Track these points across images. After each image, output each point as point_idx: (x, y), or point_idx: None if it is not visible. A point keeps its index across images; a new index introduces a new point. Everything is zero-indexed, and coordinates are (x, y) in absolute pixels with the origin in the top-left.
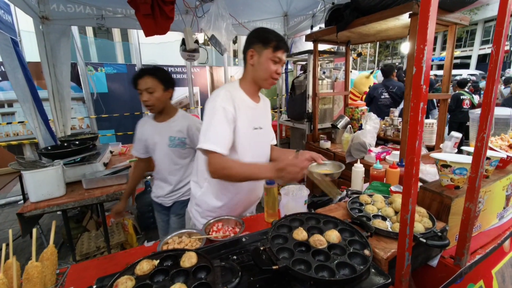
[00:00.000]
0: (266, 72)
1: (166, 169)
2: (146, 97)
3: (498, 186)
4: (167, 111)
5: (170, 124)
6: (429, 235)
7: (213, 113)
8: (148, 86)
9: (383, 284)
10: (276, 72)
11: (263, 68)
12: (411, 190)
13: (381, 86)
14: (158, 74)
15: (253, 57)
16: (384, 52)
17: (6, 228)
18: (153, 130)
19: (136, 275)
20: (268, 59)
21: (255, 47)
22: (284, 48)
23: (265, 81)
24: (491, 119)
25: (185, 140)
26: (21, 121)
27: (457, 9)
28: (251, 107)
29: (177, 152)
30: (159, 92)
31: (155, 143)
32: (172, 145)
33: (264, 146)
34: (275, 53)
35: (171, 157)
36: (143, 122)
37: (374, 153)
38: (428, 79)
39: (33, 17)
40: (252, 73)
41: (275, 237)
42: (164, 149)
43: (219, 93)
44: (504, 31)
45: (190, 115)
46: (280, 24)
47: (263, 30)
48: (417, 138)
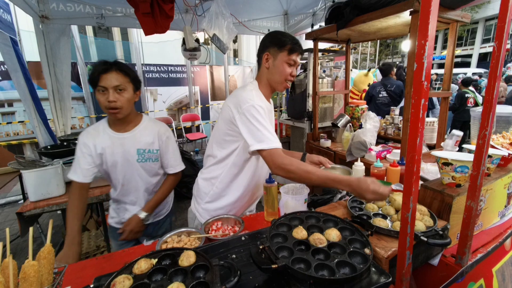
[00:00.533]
0: (281, 75)
1: (137, 189)
2: (114, 97)
3: (499, 184)
4: (131, 117)
5: (135, 133)
6: (430, 233)
7: (255, 113)
8: (119, 83)
9: (383, 283)
10: (291, 74)
11: (279, 71)
12: (412, 188)
13: (380, 85)
14: (128, 70)
15: (269, 60)
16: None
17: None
18: (112, 143)
19: (134, 274)
20: (283, 62)
21: (270, 50)
22: (299, 50)
23: (280, 84)
24: (493, 116)
25: (157, 152)
26: (21, 120)
27: (459, 6)
28: (268, 109)
29: (149, 167)
30: (130, 93)
31: (117, 159)
32: (142, 159)
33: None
34: (290, 56)
35: (141, 175)
36: (92, 133)
37: (375, 151)
38: (429, 75)
39: (33, 16)
40: (268, 75)
41: (275, 236)
42: (132, 166)
43: (253, 93)
44: (506, 27)
45: (158, 121)
46: (280, 22)
47: (279, 34)
48: (418, 135)
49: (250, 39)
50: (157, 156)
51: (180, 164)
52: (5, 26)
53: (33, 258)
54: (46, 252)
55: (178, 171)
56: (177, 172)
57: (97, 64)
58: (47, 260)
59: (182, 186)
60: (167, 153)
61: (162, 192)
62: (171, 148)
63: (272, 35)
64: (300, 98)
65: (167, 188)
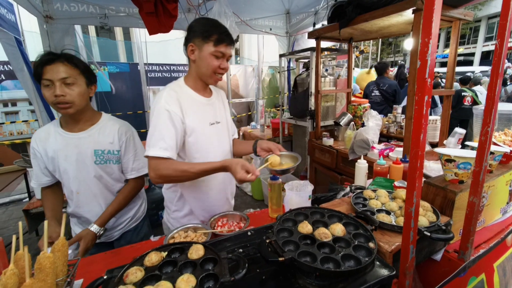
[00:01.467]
0: (209, 68)
1: (95, 196)
2: (62, 90)
3: (501, 181)
4: (87, 115)
5: (92, 133)
6: (433, 228)
7: (157, 117)
8: (66, 75)
9: (387, 276)
10: (220, 67)
11: (205, 64)
12: (416, 183)
13: (373, 84)
14: (77, 61)
15: (194, 52)
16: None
17: (11, 226)
18: (66, 144)
19: (145, 266)
20: (210, 54)
21: (195, 41)
22: (227, 41)
23: (209, 77)
24: (495, 113)
25: (118, 153)
26: (25, 120)
27: (462, 4)
28: (202, 102)
29: (110, 170)
30: (81, 86)
31: (71, 162)
32: (100, 161)
33: (224, 140)
34: (217, 48)
35: (101, 178)
36: (42, 136)
37: (377, 150)
38: (432, 73)
39: (37, 16)
40: (196, 69)
41: (280, 231)
42: (88, 169)
43: (162, 95)
44: (508, 24)
45: (120, 120)
46: (283, 21)
47: (203, 22)
48: (422, 132)
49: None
50: (118, 158)
51: (143, 168)
52: (9, 26)
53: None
54: (60, 244)
55: (140, 175)
56: (139, 177)
57: (41, 55)
58: (61, 252)
59: None
60: (128, 154)
61: (118, 203)
62: (133, 149)
63: (196, 23)
64: (302, 97)
65: (124, 197)
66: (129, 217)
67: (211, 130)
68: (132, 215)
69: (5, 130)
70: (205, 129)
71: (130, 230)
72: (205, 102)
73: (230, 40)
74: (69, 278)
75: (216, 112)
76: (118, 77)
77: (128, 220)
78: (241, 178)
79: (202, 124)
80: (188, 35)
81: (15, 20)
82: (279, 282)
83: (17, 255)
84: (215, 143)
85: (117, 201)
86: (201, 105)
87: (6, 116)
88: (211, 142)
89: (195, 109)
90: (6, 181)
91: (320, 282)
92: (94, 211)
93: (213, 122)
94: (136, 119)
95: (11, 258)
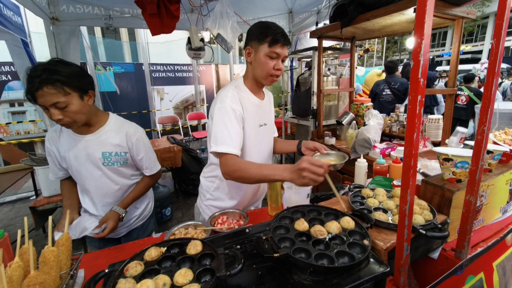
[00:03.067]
0: (264, 70)
1: (109, 194)
2: (58, 114)
3: (501, 180)
4: (94, 119)
5: (100, 135)
6: (429, 227)
7: (224, 114)
8: (56, 100)
9: (381, 273)
10: (275, 68)
11: (261, 65)
12: (410, 182)
13: (384, 83)
14: (63, 77)
15: (250, 55)
16: (392, 48)
17: (18, 223)
18: (75, 145)
19: (145, 261)
20: (265, 55)
21: (251, 44)
22: (282, 41)
23: (264, 79)
24: (491, 112)
25: (125, 155)
26: (32, 120)
27: (464, 2)
28: (256, 104)
29: (117, 171)
30: (76, 104)
31: (81, 163)
32: (108, 163)
33: (269, 141)
34: (272, 48)
35: (111, 178)
36: (53, 136)
37: (379, 149)
38: (425, 73)
39: (43, 18)
40: (252, 71)
41: (277, 228)
42: (98, 170)
43: (227, 94)
44: (504, 24)
45: (127, 121)
46: (285, 21)
47: (259, 25)
48: (415, 131)
49: None
50: (125, 159)
51: (155, 165)
52: (16, 28)
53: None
54: (64, 239)
55: (155, 173)
56: (154, 174)
57: (27, 78)
58: (65, 247)
59: (189, 183)
60: (139, 156)
61: (138, 190)
62: (143, 150)
63: (253, 27)
64: (305, 96)
65: (143, 187)
66: (136, 215)
67: (259, 131)
68: (139, 213)
69: (12, 129)
70: (255, 130)
71: (137, 228)
72: (258, 103)
73: (285, 41)
74: (72, 272)
75: (265, 114)
76: (123, 77)
77: (136, 218)
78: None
79: (254, 125)
80: (246, 39)
81: (21, 22)
82: (275, 277)
83: (22, 249)
84: (262, 144)
85: (138, 188)
86: (255, 106)
87: (13, 116)
88: (257, 143)
89: (251, 110)
90: (13, 179)
91: (315, 278)
92: (105, 208)
93: (262, 124)
94: (141, 118)
95: (16, 252)
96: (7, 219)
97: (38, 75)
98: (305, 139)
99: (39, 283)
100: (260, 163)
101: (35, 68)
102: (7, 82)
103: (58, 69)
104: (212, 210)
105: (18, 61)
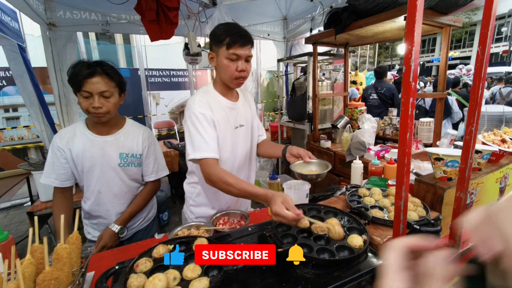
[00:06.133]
0: (227, 73)
1: (119, 195)
2: (100, 102)
3: (491, 178)
4: (114, 121)
5: (118, 137)
6: (423, 222)
7: (194, 121)
8: (105, 88)
9: (379, 266)
10: (237, 70)
11: (223, 69)
12: (404, 179)
13: (372, 87)
14: (114, 73)
15: (213, 59)
16: (384, 53)
17: (12, 230)
18: (92, 145)
19: (153, 258)
20: (225, 58)
21: (212, 48)
22: (240, 42)
23: (230, 82)
24: (478, 113)
25: (140, 157)
26: (26, 125)
27: (451, 11)
28: (229, 107)
29: (131, 172)
30: (116, 97)
31: (96, 163)
32: (124, 164)
33: (248, 143)
34: (230, 50)
35: (123, 179)
36: (67, 136)
37: (373, 151)
38: (416, 77)
39: (40, 24)
40: (218, 75)
41: (279, 225)
42: (112, 171)
43: (194, 100)
44: (489, 32)
45: (142, 125)
46: (280, 27)
47: (218, 28)
48: (408, 131)
49: None
50: (139, 161)
51: (163, 170)
52: (13, 34)
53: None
54: (75, 238)
55: (158, 178)
56: (157, 180)
57: (79, 66)
58: (76, 245)
59: None
60: (149, 158)
61: (137, 204)
62: (154, 154)
63: (213, 31)
64: (300, 101)
65: (143, 199)
66: (141, 218)
67: (234, 133)
68: (144, 216)
69: (6, 135)
70: (229, 132)
71: (141, 230)
72: (231, 106)
73: (244, 40)
74: (84, 269)
75: (241, 116)
76: None
77: (141, 220)
78: (276, 210)
79: (228, 128)
80: (209, 43)
81: (18, 28)
82: (278, 272)
83: (33, 247)
84: (239, 146)
85: (136, 203)
86: (227, 109)
87: (7, 122)
88: (236, 145)
89: (223, 113)
90: (7, 185)
91: (316, 271)
92: (114, 210)
93: (238, 125)
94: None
95: (27, 250)
96: (2, 226)
97: (93, 65)
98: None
99: (54, 278)
100: (241, 181)
101: (88, 61)
102: (2, 87)
103: (110, 65)
104: (196, 215)
105: (14, 66)
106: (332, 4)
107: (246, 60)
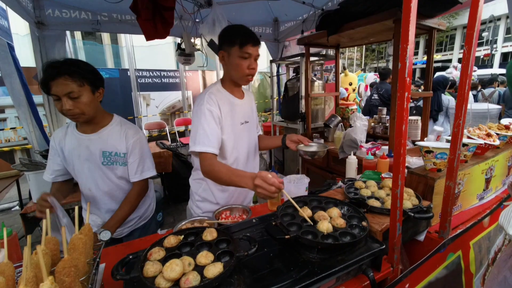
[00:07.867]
0: (238, 71)
1: (109, 193)
2: (69, 104)
3: (477, 169)
4: (98, 118)
5: (102, 135)
6: (416, 210)
7: (200, 116)
8: (70, 90)
9: (378, 250)
10: (249, 67)
11: (235, 66)
12: (400, 168)
13: (374, 88)
14: (80, 72)
15: (224, 58)
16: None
17: None
18: (78, 144)
19: (165, 247)
20: (237, 56)
21: (224, 47)
22: (251, 41)
23: (240, 79)
24: (465, 108)
25: (124, 156)
26: (13, 127)
27: (437, 15)
28: (236, 104)
29: (117, 171)
30: (87, 96)
31: (83, 162)
32: (108, 162)
33: (252, 138)
34: (243, 49)
35: (110, 178)
36: (60, 135)
37: (365, 148)
38: (411, 72)
39: (29, 22)
40: (228, 72)
41: (284, 215)
42: (98, 169)
43: (203, 97)
44: (475, 34)
45: (129, 123)
46: (271, 29)
47: (228, 29)
48: (403, 123)
49: None
50: (124, 160)
51: (148, 170)
52: (3, 32)
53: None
54: (87, 229)
55: (143, 179)
56: (143, 180)
57: (46, 68)
58: (88, 236)
59: (179, 188)
60: (132, 157)
61: (123, 209)
62: (139, 152)
63: (223, 32)
64: (293, 101)
65: (129, 203)
66: (137, 216)
67: (240, 129)
68: (140, 214)
69: None
70: (236, 128)
71: (138, 228)
72: (238, 103)
73: (255, 41)
74: (98, 259)
75: (246, 113)
76: (107, 83)
77: (137, 219)
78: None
79: (235, 124)
80: (219, 44)
81: (7, 26)
82: (285, 258)
83: (47, 238)
84: (245, 141)
85: (122, 208)
86: (234, 106)
87: None
88: (240, 140)
89: (230, 110)
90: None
91: (321, 255)
92: (106, 207)
93: (243, 121)
94: None
95: (41, 241)
96: None
97: (57, 66)
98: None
99: (74, 266)
100: (232, 169)
101: (54, 61)
102: None
103: (76, 63)
104: (203, 210)
105: (3, 66)
106: (324, 7)
107: (255, 59)
